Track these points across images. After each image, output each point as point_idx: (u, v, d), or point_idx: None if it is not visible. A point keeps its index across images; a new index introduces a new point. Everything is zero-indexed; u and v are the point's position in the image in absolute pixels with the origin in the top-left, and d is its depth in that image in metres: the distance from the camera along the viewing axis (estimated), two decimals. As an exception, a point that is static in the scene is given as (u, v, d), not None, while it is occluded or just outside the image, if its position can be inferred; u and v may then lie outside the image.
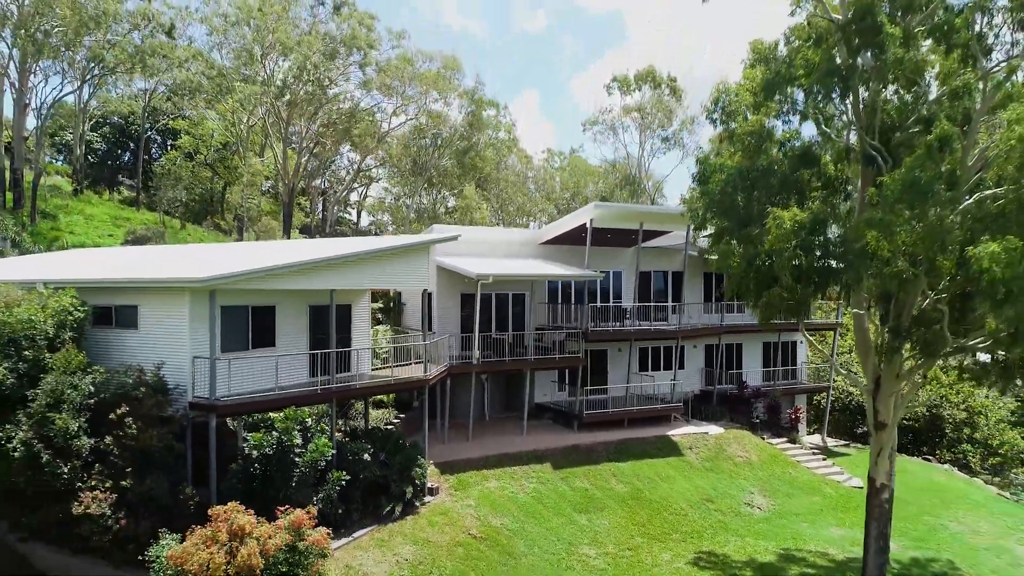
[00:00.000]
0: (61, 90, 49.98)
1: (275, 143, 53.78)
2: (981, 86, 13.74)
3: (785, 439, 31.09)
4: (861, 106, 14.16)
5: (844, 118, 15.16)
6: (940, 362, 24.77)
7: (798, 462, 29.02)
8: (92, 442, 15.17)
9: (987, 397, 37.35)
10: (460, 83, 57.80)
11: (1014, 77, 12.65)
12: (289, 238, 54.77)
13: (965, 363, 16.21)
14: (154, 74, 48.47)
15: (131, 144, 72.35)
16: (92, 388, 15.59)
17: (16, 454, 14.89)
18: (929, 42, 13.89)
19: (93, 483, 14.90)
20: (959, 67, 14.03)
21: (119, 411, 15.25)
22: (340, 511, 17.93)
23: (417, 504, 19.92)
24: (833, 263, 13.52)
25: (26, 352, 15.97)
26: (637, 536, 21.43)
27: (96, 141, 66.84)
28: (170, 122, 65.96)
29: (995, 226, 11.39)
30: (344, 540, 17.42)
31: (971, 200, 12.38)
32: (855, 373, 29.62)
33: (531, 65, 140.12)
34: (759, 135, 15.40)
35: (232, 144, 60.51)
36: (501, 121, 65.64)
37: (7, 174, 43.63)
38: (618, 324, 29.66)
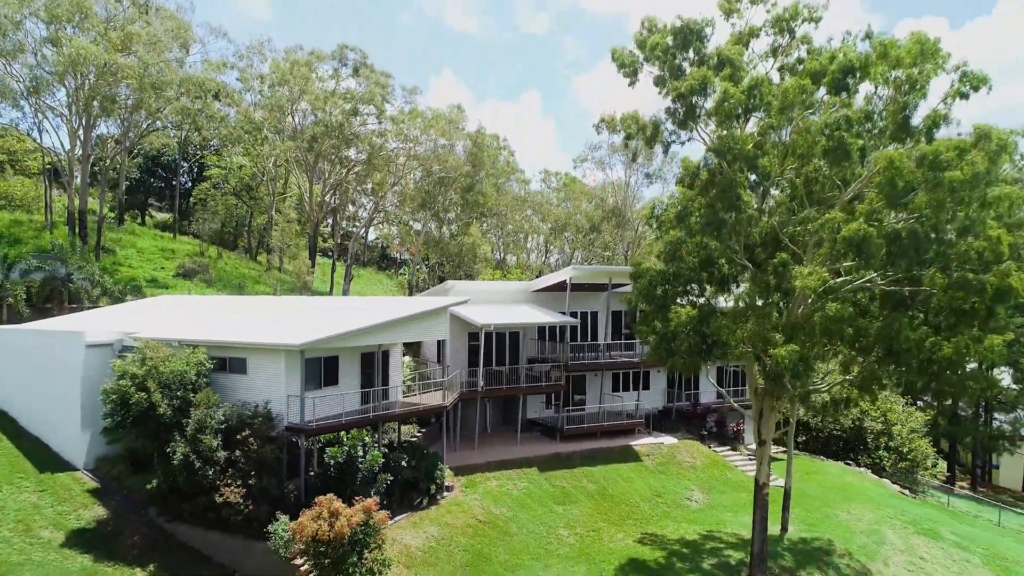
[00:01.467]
0: (125, 139, 57.25)
1: (301, 183, 61.29)
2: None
3: (728, 447, 38.59)
4: (732, 238, 21.59)
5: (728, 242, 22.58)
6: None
7: (735, 466, 36.54)
8: (226, 454, 22.66)
9: (904, 412, 44.90)
10: (464, 127, 65.55)
11: (826, 228, 19.89)
12: (314, 265, 62.17)
13: (812, 401, 23.65)
14: (202, 132, 55.89)
15: (160, 171, 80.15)
16: (223, 417, 23.09)
17: (176, 462, 22.39)
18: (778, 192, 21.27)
19: (228, 481, 22.37)
20: (798, 211, 21.44)
21: (244, 433, 22.76)
22: (385, 502, 25.34)
23: (438, 497, 27.40)
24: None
25: (177, 392, 23.47)
26: (600, 522, 28.93)
27: (130, 170, 74.62)
28: (202, 156, 73.48)
29: (793, 332, 18.75)
30: (389, 523, 24.85)
31: (795, 315, 19.81)
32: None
33: (534, 65, 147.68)
34: (675, 245, 22.87)
35: (257, 176, 67.75)
36: (500, 153, 73.29)
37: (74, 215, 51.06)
38: (593, 356, 37.16)
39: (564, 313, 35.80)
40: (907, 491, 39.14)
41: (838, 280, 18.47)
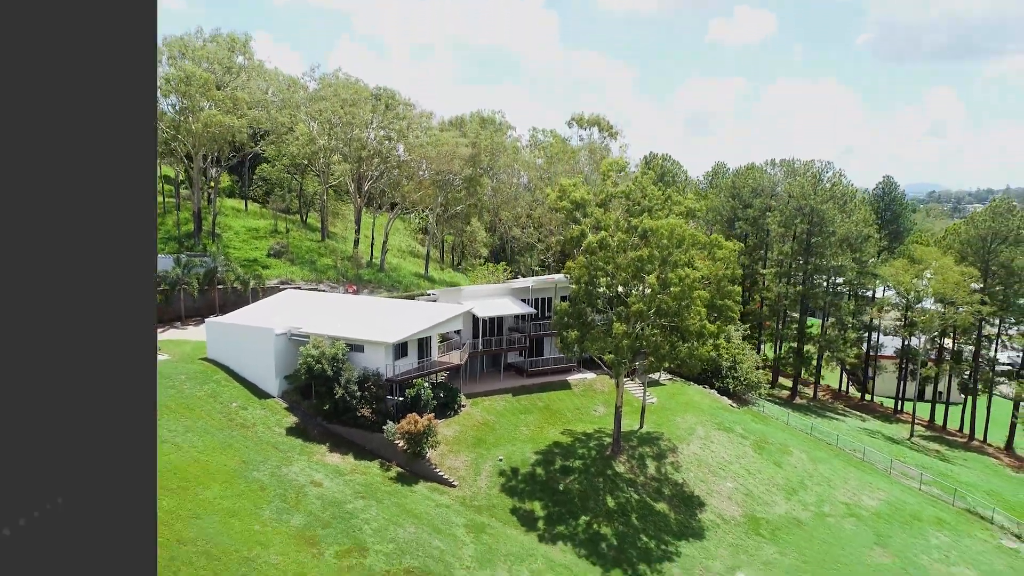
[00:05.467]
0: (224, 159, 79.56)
1: (349, 184, 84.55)
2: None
3: (628, 379, 64.21)
4: (598, 297, 45.95)
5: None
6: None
7: (629, 391, 62.29)
8: (360, 393, 48.02)
9: (750, 353, 70.50)
10: (465, 132, 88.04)
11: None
12: (358, 245, 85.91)
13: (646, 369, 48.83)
14: (284, 152, 78.73)
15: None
16: (357, 376, 48.33)
17: (336, 397, 47.77)
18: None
19: (362, 405, 47.86)
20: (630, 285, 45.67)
21: (367, 383, 48.08)
22: (434, 415, 50.87)
23: (458, 411, 52.93)
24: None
25: (334, 363, 48.54)
26: (544, 424, 54.78)
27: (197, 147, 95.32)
28: (264, 147, 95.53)
29: (615, 348, 43.25)
30: (437, 424, 50.50)
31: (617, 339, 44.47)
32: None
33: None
34: (576, 295, 47.25)
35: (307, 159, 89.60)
36: (497, 119, 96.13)
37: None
38: (546, 327, 62.20)
39: (527, 302, 60.69)
40: (733, 404, 65.23)
41: (636, 326, 43.35)
